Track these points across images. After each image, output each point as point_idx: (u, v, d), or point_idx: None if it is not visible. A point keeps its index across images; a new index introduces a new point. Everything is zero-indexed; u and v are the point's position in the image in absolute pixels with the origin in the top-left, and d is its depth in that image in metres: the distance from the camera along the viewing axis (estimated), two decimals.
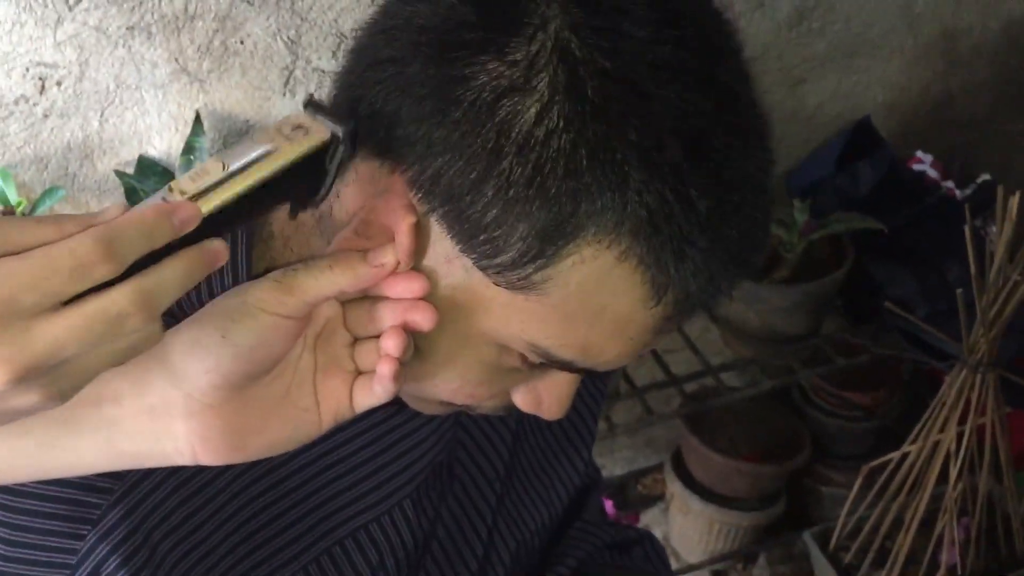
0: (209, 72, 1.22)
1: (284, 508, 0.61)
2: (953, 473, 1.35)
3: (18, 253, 0.39)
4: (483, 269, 0.49)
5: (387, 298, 0.51)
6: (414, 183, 0.49)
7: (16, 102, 1.16)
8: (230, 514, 0.59)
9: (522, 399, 0.58)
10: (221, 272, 0.56)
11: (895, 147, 1.61)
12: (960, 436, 1.35)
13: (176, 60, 1.20)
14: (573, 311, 0.50)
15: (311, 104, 0.48)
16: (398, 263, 0.50)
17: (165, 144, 1.25)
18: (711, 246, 0.48)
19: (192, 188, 0.43)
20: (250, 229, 0.58)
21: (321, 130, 0.46)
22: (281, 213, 0.57)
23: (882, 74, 1.62)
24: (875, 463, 1.39)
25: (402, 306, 0.51)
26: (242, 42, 1.22)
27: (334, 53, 1.26)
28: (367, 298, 0.52)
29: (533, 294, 0.49)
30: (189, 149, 1.21)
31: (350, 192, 0.52)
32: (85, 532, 0.54)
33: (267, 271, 0.56)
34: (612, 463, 1.87)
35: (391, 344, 0.51)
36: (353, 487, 0.63)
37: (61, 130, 1.19)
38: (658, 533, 1.83)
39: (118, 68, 1.18)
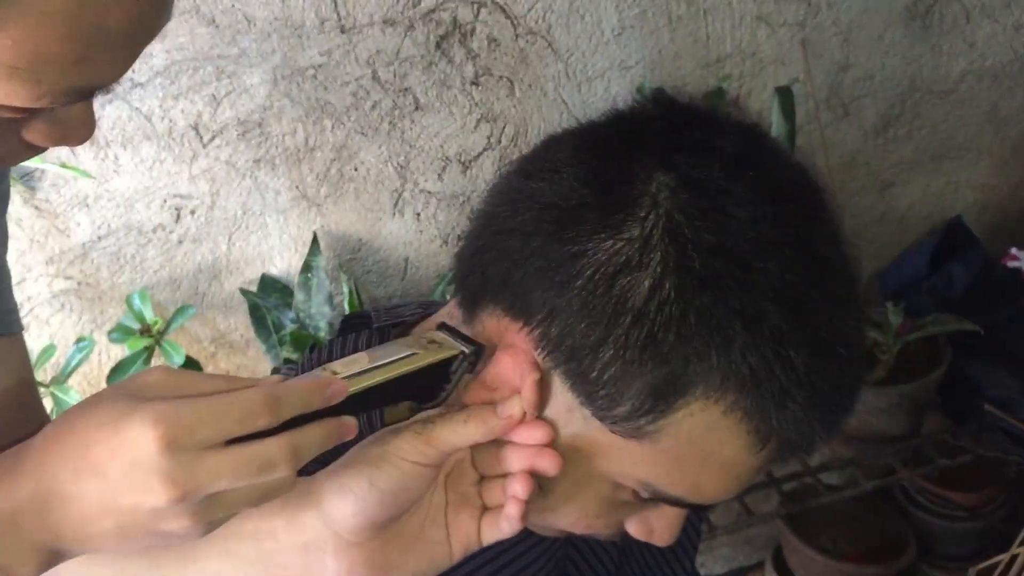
0: (326, 197, 1.32)
1: None
2: None
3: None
4: (600, 419, 0.55)
5: (513, 443, 0.57)
6: (539, 342, 0.55)
7: (154, 230, 1.27)
8: None
9: (635, 529, 0.63)
10: None
11: (988, 245, 1.62)
12: None
13: (297, 187, 1.30)
14: (683, 456, 0.55)
15: (444, 327, 0.58)
16: (524, 414, 0.56)
17: (285, 263, 1.34)
18: (809, 399, 0.53)
19: (342, 371, 0.52)
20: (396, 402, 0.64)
21: (453, 347, 0.55)
22: None
23: (971, 175, 1.64)
24: (983, 565, 1.37)
25: (529, 452, 0.56)
26: (356, 169, 1.32)
27: (439, 175, 1.35)
28: (495, 441, 0.58)
29: (646, 441, 0.54)
30: (307, 267, 1.30)
31: (481, 340, 0.58)
32: None
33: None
34: (712, 561, 1.87)
35: (518, 488, 0.56)
36: None
37: (193, 254, 1.30)
38: None
39: (245, 197, 1.29)
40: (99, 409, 0.48)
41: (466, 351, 0.56)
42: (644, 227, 0.52)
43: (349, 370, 0.52)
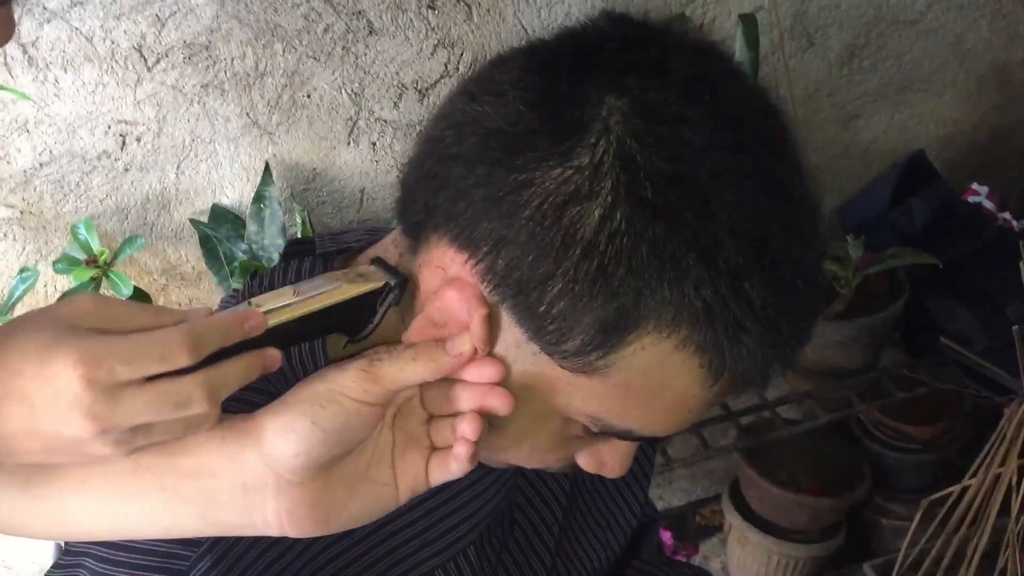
0: (278, 125, 1.28)
1: (357, 554, 0.64)
2: (1015, 506, 1.34)
3: (122, 332, 0.49)
4: (549, 354, 0.53)
5: (463, 381, 0.55)
6: (485, 274, 0.53)
7: (99, 157, 1.22)
8: (307, 560, 0.62)
9: (585, 461, 0.62)
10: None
11: (950, 180, 1.61)
12: (1021, 469, 1.34)
13: (247, 114, 1.26)
14: (634, 391, 0.54)
15: (377, 261, 0.57)
16: (475, 351, 0.54)
17: (237, 193, 1.31)
18: (764, 334, 0.52)
19: (265, 305, 0.52)
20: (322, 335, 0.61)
21: (378, 278, 0.55)
22: None
23: (935, 109, 1.63)
24: (936, 496, 1.39)
25: (479, 391, 0.55)
26: (308, 96, 1.28)
27: (395, 104, 1.32)
28: (445, 379, 0.56)
29: (596, 376, 0.53)
30: (259, 198, 1.27)
31: (425, 272, 0.56)
32: None
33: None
34: (670, 494, 1.89)
35: (468, 428, 0.55)
36: (421, 534, 0.67)
37: (140, 183, 1.26)
38: (717, 564, 1.84)
39: (193, 123, 1.24)
40: (25, 337, 0.48)
41: (391, 283, 0.54)
42: (594, 154, 0.50)
43: (272, 303, 0.52)
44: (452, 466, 0.56)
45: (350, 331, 0.56)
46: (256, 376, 0.52)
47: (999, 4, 1.55)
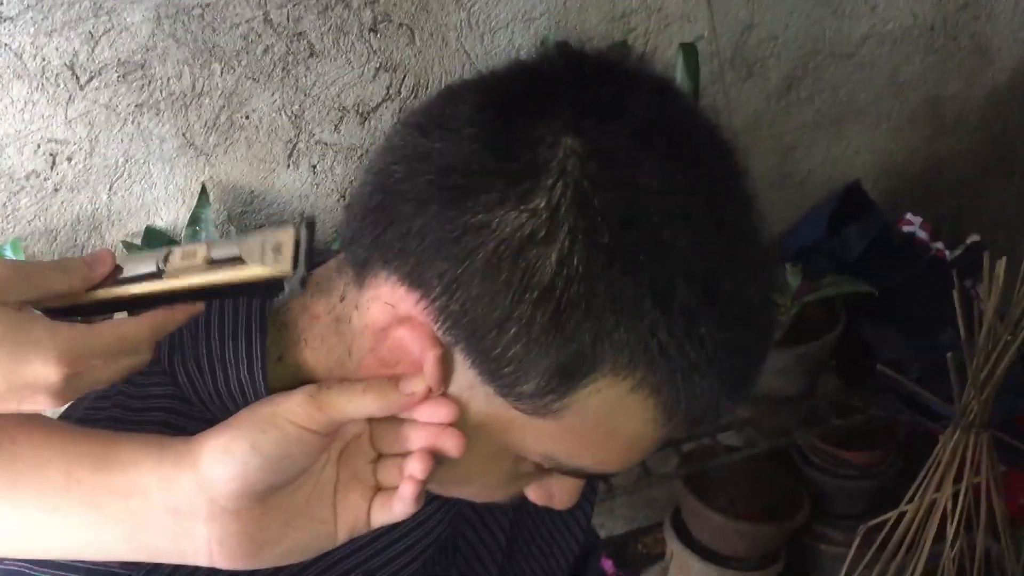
0: (215, 146, 1.26)
1: None
2: (950, 532, 1.36)
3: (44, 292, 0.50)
4: (504, 396, 0.52)
5: (415, 420, 0.54)
6: (439, 315, 0.51)
7: (27, 177, 1.19)
8: None
9: (535, 495, 0.61)
10: (236, 357, 0.58)
11: (885, 210, 1.64)
12: (956, 495, 1.36)
13: (183, 135, 1.23)
14: (588, 432, 0.53)
15: (309, 226, 0.54)
16: (429, 391, 0.53)
17: (172, 215, 1.28)
18: (718, 374, 0.52)
19: (178, 264, 0.53)
20: (263, 316, 0.60)
21: (284, 266, 0.53)
22: (293, 304, 0.60)
23: (870, 140, 1.66)
24: (873, 522, 1.41)
25: (431, 431, 0.54)
26: (247, 117, 1.26)
27: (336, 126, 1.30)
28: (394, 418, 0.54)
29: (551, 417, 0.52)
30: (195, 220, 1.24)
31: (373, 308, 0.54)
32: None
33: (279, 360, 0.58)
34: (612, 521, 1.88)
35: (418, 467, 0.53)
36: (363, 564, 0.65)
37: (71, 203, 1.22)
38: None
39: (127, 143, 1.21)
40: None
41: (292, 276, 0.53)
42: (551, 197, 0.49)
43: (183, 264, 0.52)
44: (396, 507, 0.54)
45: (264, 298, 0.57)
46: (184, 322, 0.53)
47: (931, 38, 1.59)
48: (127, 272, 0.52)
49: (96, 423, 0.57)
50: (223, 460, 0.50)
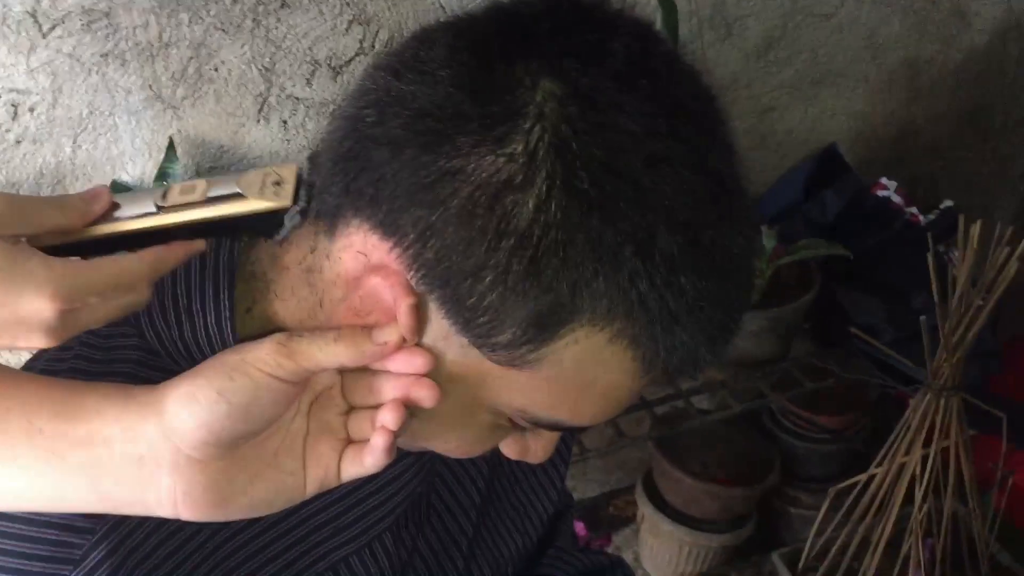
0: (183, 99, 1.22)
1: (267, 542, 0.61)
2: (919, 495, 1.37)
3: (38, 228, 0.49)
4: (478, 347, 0.51)
5: (387, 371, 0.53)
6: (412, 263, 0.50)
7: None
8: (212, 549, 0.59)
9: (509, 448, 0.60)
10: (203, 308, 0.57)
11: (861, 174, 1.64)
12: (925, 459, 1.37)
13: (150, 87, 1.20)
14: (564, 384, 0.52)
15: (311, 161, 0.53)
16: (402, 341, 0.51)
17: (138, 170, 1.25)
18: (698, 325, 0.51)
19: (176, 199, 0.51)
20: (231, 267, 0.58)
21: (285, 200, 0.52)
22: (262, 254, 0.58)
23: (847, 103, 1.65)
24: (842, 485, 1.41)
25: (404, 381, 0.52)
26: (216, 69, 1.22)
27: (308, 80, 1.27)
28: (367, 369, 0.53)
29: (526, 369, 0.51)
30: (162, 175, 1.21)
31: (345, 257, 0.53)
32: (66, 573, 0.53)
33: (247, 311, 0.57)
34: (584, 485, 1.88)
35: (390, 417, 0.52)
36: (334, 520, 0.64)
37: (34, 156, 1.19)
38: (629, 554, 1.84)
39: (91, 95, 1.18)
40: None
41: (297, 208, 0.52)
42: (529, 141, 0.48)
43: (182, 198, 0.51)
44: (367, 460, 0.53)
45: (261, 234, 0.55)
46: (185, 259, 0.52)
47: (911, 0, 1.58)
48: (124, 209, 0.51)
49: (59, 374, 0.55)
50: (189, 407, 0.49)
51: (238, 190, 0.51)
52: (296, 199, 0.52)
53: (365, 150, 0.51)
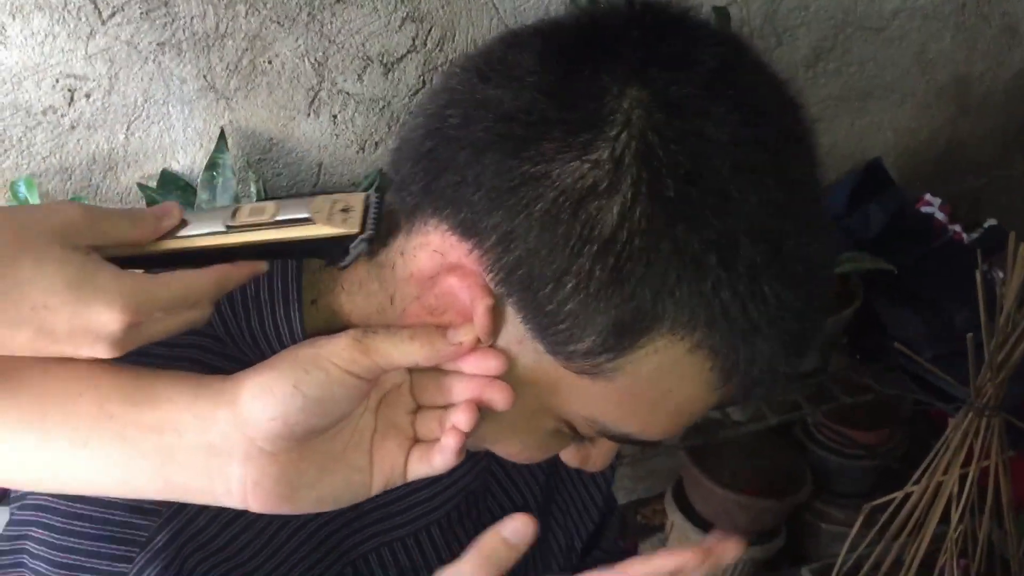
0: (236, 90, 1.23)
1: (316, 527, 0.62)
2: (955, 515, 1.35)
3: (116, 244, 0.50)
4: (554, 354, 0.51)
5: (461, 372, 0.53)
6: (492, 265, 0.50)
7: (44, 112, 1.16)
8: (270, 535, 0.59)
9: (570, 456, 0.60)
10: (271, 298, 0.57)
11: (905, 189, 1.63)
12: (963, 479, 1.35)
13: (204, 77, 1.21)
14: (639, 395, 0.52)
15: (380, 191, 0.55)
16: (477, 342, 0.52)
17: (189, 159, 1.26)
18: (778, 335, 0.50)
19: (245, 220, 0.52)
20: (299, 262, 0.59)
21: (354, 225, 0.52)
22: None
23: (894, 117, 1.64)
24: (877, 502, 1.40)
25: (478, 383, 0.52)
26: (270, 62, 1.23)
27: (359, 76, 1.28)
28: (437, 369, 0.53)
29: (601, 379, 0.51)
30: (212, 165, 1.22)
31: (420, 256, 0.53)
32: (134, 554, 0.54)
33: (313, 303, 0.57)
34: (614, 491, 1.87)
35: (463, 418, 0.52)
36: (383, 507, 0.64)
37: (87, 141, 1.20)
38: None
39: (147, 83, 1.19)
40: (35, 262, 0.46)
41: (363, 235, 0.52)
42: (615, 148, 0.48)
43: (251, 220, 0.52)
44: (436, 460, 0.53)
45: (326, 260, 0.57)
46: (247, 279, 0.53)
47: (963, 16, 1.57)
48: (193, 227, 0.52)
49: (124, 359, 0.56)
50: (264, 399, 0.49)
51: (307, 215, 0.52)
52: (364, 227, 0.52)
53: (448, 151, 0.51)
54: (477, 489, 0.70)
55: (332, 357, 0.50)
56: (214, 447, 0.50)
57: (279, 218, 0.52)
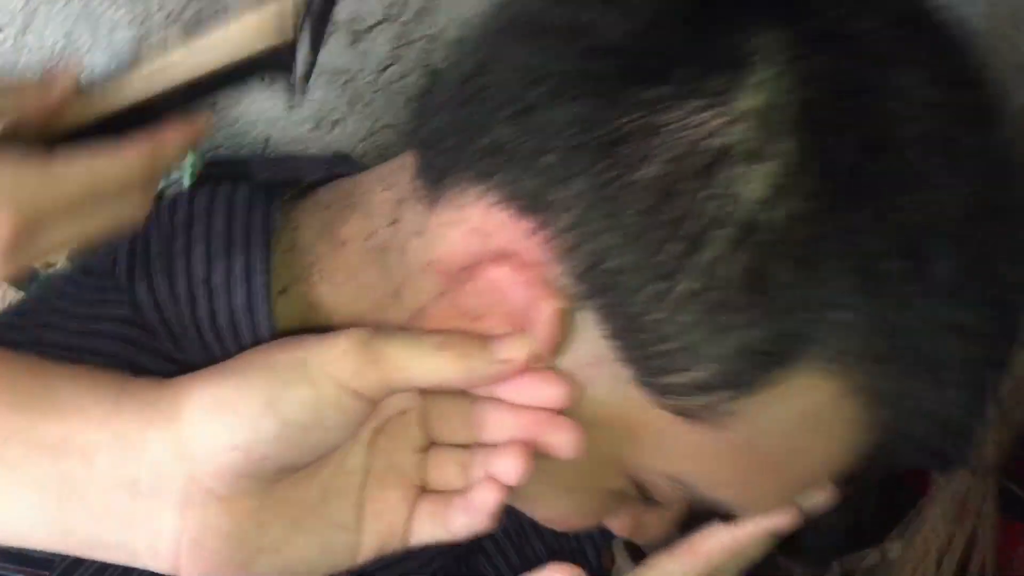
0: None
1: None
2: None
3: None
4: (644, 385, 0.38)
5: (498, 400, 0.39)
6: (562, 256, 0.37)
7: None
8: None
9: (620, 525, 0.47)
10: (228, 279, 0.44)
11: None
12: (951, 538, 1.30)
13: (140, 23, 1.06)
14: (757, 451, 0.39)
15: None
16: (536, 360, 0.37)
17: None
18: (968, 379, 0.38)
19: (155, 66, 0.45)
20: (266, 229, 0.45)
21: (286, 33, 0.46)
22: (310, 220, 0.46)
23: None
24: (850, 557, 1.32)
25: (533, 418, 0.38)
26: (218, 14, 1.08)
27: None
28: (464, 393, 0.39)
29: (707, 425, 0.38)
30: None
31: (452, 235, 0.39)
32: None
33: (282, 292, 0.43)
34: None
35: (510, 467, 0.38)
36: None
37: None
38: None
39: (70, 24, 1.04)
40: None
41: (303, 40, 0.45)
42: (757, 101, 0.35)
43: (163, 63, 0.44)
44: (457, 520, 0.39)
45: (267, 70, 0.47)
46: (196, 139, 0.42)
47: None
48: (96, 90, 0.43)
49: (14, 344, 0.40)
50: (220, 419, 0.35)
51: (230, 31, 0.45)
52: (298, 30, 0.43)
53: (504, 94, 0.38)
54: (462, 550, 0.56)
55: (327, 366, 0.36)
56: (138, 484, 0.36)
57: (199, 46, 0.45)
